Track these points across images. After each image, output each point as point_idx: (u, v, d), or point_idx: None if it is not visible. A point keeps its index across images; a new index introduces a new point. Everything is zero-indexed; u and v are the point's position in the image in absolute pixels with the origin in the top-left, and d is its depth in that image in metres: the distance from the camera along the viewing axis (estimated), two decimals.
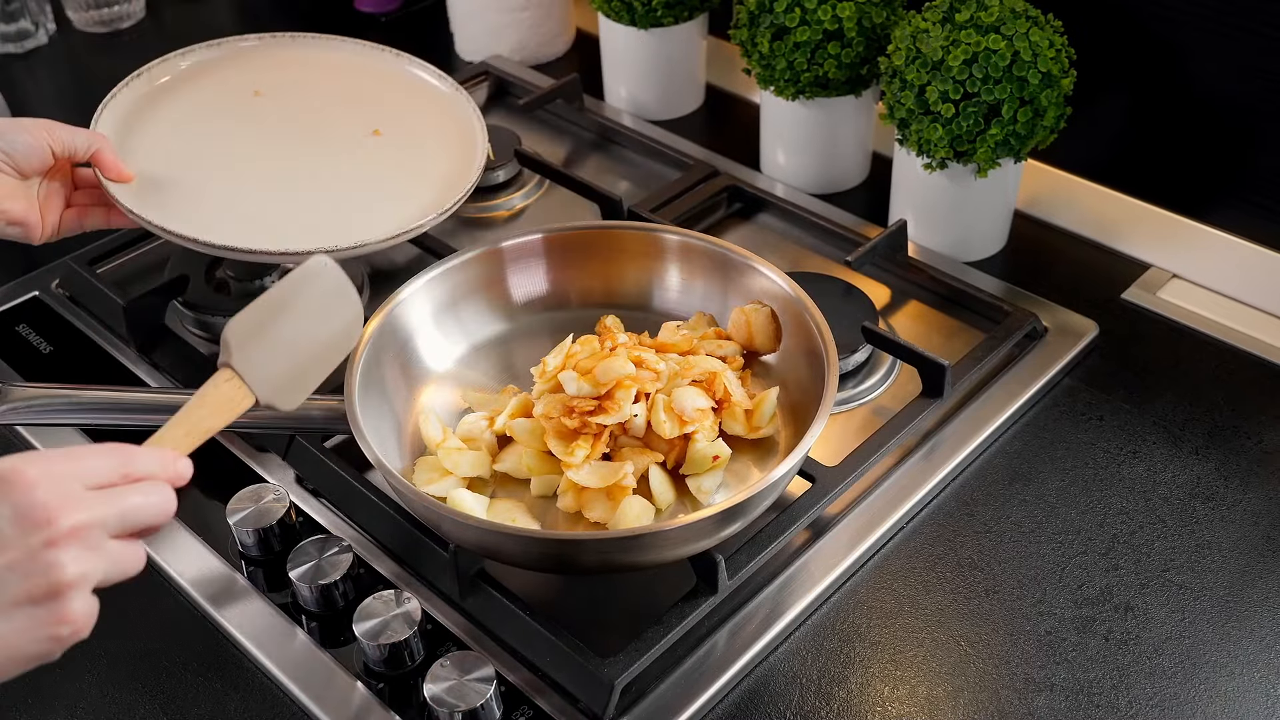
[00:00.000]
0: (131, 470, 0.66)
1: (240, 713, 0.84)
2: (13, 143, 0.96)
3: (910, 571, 0.92)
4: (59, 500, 0.62)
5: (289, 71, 1.19)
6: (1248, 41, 1.07)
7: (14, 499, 0.61)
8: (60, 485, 0.62)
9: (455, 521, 0.82)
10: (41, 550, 0.61)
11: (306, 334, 0.83)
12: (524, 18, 1.49)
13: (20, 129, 0.97)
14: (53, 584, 0.61)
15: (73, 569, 0.61)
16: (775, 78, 1.20)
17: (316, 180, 1.09)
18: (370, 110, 1.16)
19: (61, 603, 0.61)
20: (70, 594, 0.62)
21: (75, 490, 0.63)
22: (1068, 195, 1.23)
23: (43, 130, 0.97)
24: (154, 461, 0.68)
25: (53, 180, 1.01)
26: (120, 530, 0.65)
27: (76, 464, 0.64)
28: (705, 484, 0.91)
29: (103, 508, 0.64)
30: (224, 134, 1.13)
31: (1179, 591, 0.90)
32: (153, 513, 0.66)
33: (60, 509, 0.62)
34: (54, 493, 0.62)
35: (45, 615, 0.61)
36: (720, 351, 0.98)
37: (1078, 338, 1.09)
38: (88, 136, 1.01)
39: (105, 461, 0.65)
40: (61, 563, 0.61)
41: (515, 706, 0.82)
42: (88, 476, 0.64)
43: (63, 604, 0.62)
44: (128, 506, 0.65)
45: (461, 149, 1.13)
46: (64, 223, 1.02)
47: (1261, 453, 1.00)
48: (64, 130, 0.99)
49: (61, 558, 0.61)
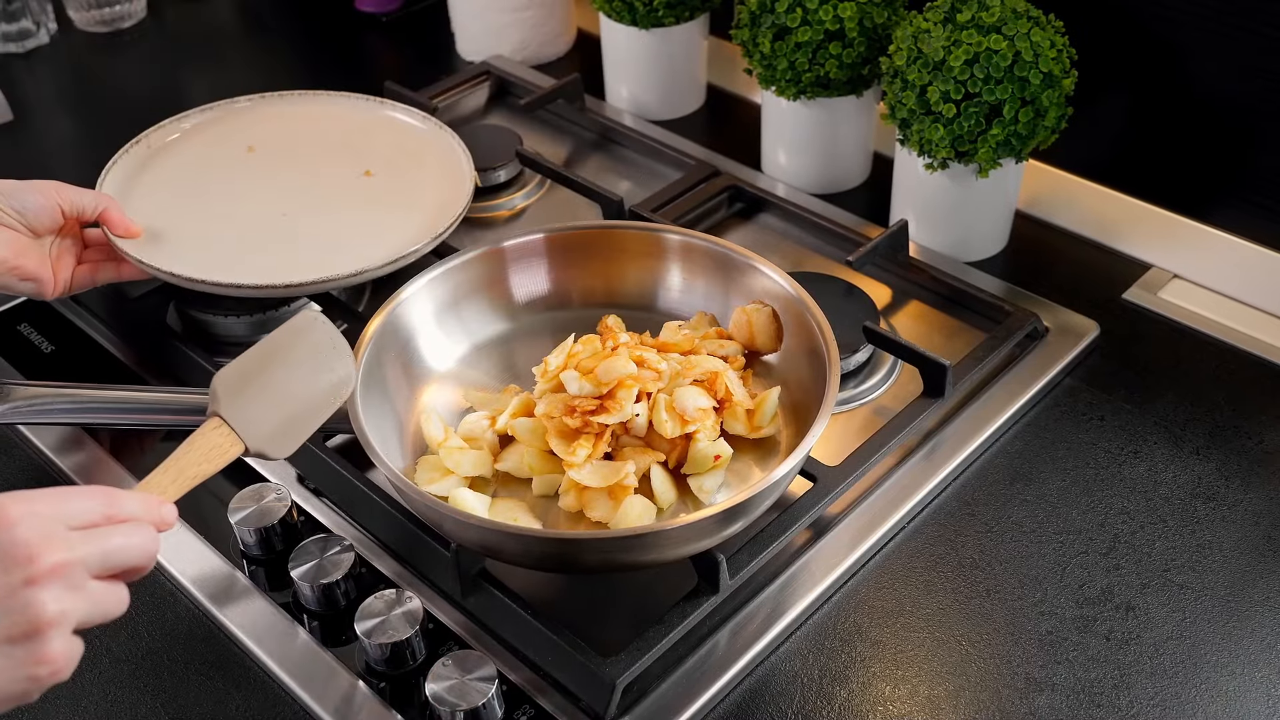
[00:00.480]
0: (115, 512, 0.66)
1: (242, 712, 0.84)
2: (24, 202, 0.98)
3: (911, 571, 0.92)
4: (41, 539, 0.61)
5: (280, 126, 1.24)
6: (1248, 41, 1.07)
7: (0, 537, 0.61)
8: (43, 524, 0.62)
9: (457, 521, 0.82)
10: (21, 589, 0.60)
11: (297, 384, 0.83)
12: (525, 17, 1.49)
13: (31, 189, 0.99)
14: (32, 623, 0.60)
15: (53, 608, 0.61)
16: (776, 78, 1.21)
17: (314, 220, 1.13)
18: (360, 154, 1.21)
19: (40, 642, 0.61)
20: (50, 633, 0.61)
21: (58, 529, 0.62)
22: (1069, 195, 1.23)
23: (52, 191, 1.00)
24: (138, 504, 0.68)
25: (64, 238, 1.04)
26: (102, 570, 0.64)
27: (60, 504, 0.64)
28: (707, 483, 0.91)
29: (85, 547, 0.63)
30: (223, 186, 1.17)
31: (1180, 591, 0.90)
32: (135, 554, 0.66)
33: (42, 547, 0.61)
34: (36, 531, 0.61)
35: (24, 655, 0.61)
36: (722, 351, 0.98)
37: (1079, 338, 1.09)
38: (95, 197, 1.04)
39: (89, 503, 0.65)
40: (42, 601, 0.60)
41: (517, 706, 0.82)
42: (71, 516, 0.64)
43: (42, 644, 0.61)
44: (110, 547, 0.64)
45: (450, 179, 1.17)
46: (76, 278, 1.04)
47: (1262, 453, 1.00)
48: (72, 191, 1.02)
49: (42, 596, 0.60)
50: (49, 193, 1.00)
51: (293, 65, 1.60)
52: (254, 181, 1.18)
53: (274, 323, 1.11)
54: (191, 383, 1.06)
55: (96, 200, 1.03)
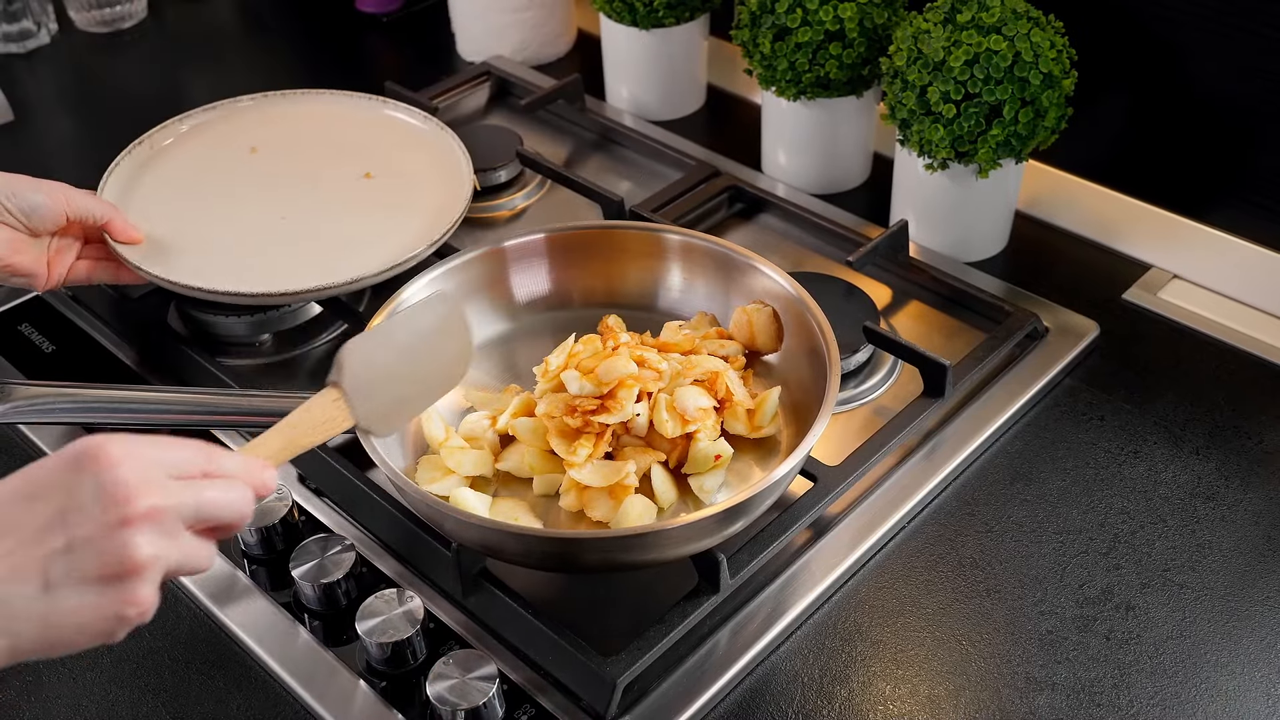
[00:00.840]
0: (214, 468, 0.66)
1: (243, 711, 0.84)
2: (30, 202, 0.99)
3: (912, 571, 0.92)
4: (140, 481, 0.61)
5: (282, 126, 1.25)
6: (1248, 42, 1.07)
7: (97, 474, 0.61)
8: (143, 468, 0.62)
9: (458, 520, 0.82)
10: (117, 529, 0.60)
11: (416, 365, 0.84)
12: (526, 18, 1.49)
13: (38, 189, 1.00)
14: (124, 564, 0.60)
15: (146, 551, 0.61)
16: (777, 78, 1.21)
17: (313, 224, 1.14)
18: (361, 155, 1.21)
19: (131, 584, 0.61)
20: (141, 576, 0.61)
21: (157, 475, 0.63)
22: (1069, 196, 1.23)
23: (61, 196, 1.01)
24: (238, 464, 0.68)
25: (64, 236, 1.04)
26: (195, 522, 0.64)
27: (162, 451, 0.64)
28: (707, 483, 0.91)
29: (181, 495, 0.63)
30: (224, 189, 1.18)
31: (1180, 591, 0.90)
32: (229, 511, 0.66)
33: (140, 490, 0.61)
34: (136, 473, 0.62)
35: (114, 594, 0.61)
36: (722, 351, 0.98)
37: (1079, 338, 1.10)
38: (102, 207, 1.04)
39: (190, 454, 0.65)
40: (136, 543, 0.61)
41: (517, 705, 0.82)
42: (171, 465, 0.64)
43: (132, 585, 0.61)
44: (205, 499, 0.65)
45: (449, 182, 1.17)
46: (72, 274, 1.05)
47: (1262, 453, 1.00)
48: (81, 198, 1.02)
49: (136, 538, 0.61)
50: (58, 198, 1.00)
51: (293, 65, 1.60)
52: (254, 184, 1.18)
53: (274, 322, 1.12)
54: (192, 382, 1.06)
55: (104, 210, 1.04)
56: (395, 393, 0.82)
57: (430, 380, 0.85)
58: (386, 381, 0.82)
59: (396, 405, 0.83)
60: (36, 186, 1.00)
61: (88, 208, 1.03)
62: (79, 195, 1.02)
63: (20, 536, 0.60)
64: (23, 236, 1.00)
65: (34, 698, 0.86)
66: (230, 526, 0.66)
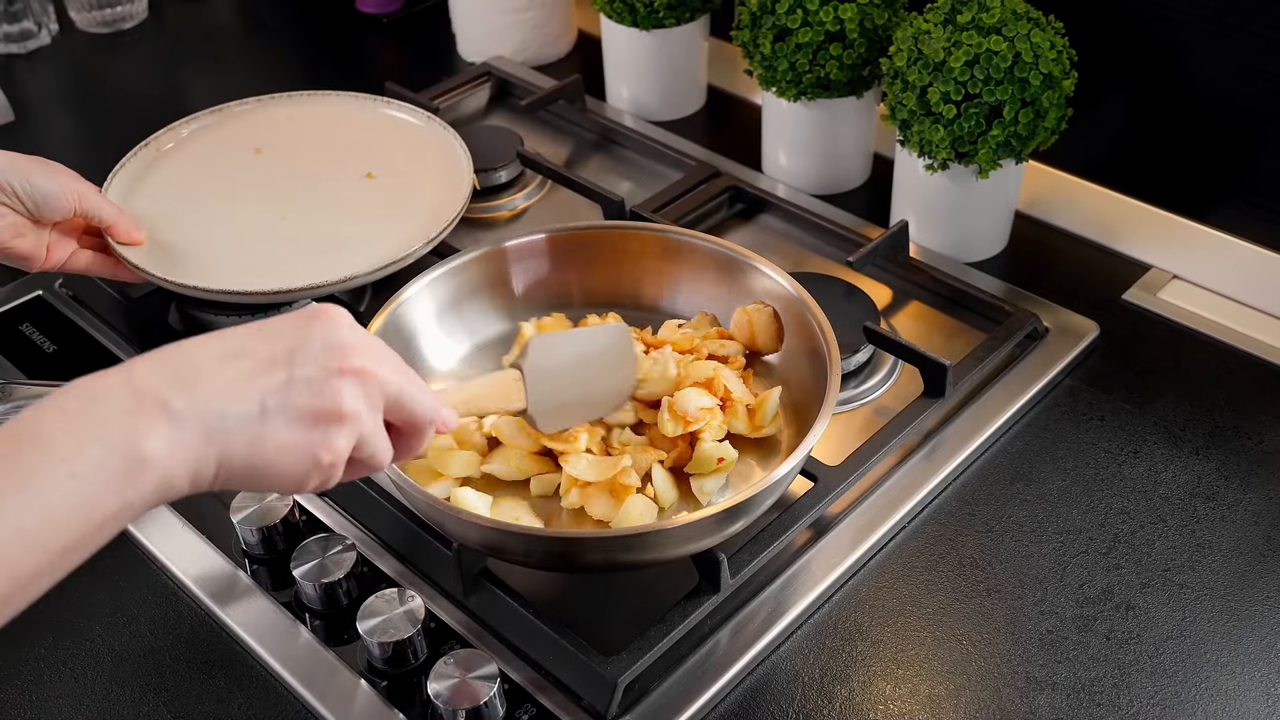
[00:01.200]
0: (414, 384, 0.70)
1: (244, 710, 0.84)
2: (42, 192, 1.00)
3: (912, 571, 0.92)
4: (362, 346, 0.66)
5: (284, 128, 1.25)
6: (1248, 43, 1.08)
7: (328, 327, 0.66)
8: (365, 338, 0.68)
9: (459, 520, 0.82)
10: (334, 375, 0.65)
11: (586, 377, 0.89)
12: (526, 19, 1.49)
13: (52, 178, 1.01)
14: (332, 407, 0.64)
15: (350, 403, 0.65)
16: (777, 79, 1.21)
17: (314, 224, 1.14)
18: (362, 155, 1.21)
19: (333, 430, 0.64)
20: (343, 424, 0.65)
21: (374, 349, 0.68)
22: (1069, 196, 1.23)
23: (73, 191, 1.02)
24: (430, 394, 0.71)
25: (68, 226, 1.06)
26: (393, 404, 0.68)
27: (382, 342, 0.70)
28: (707, 485, 0.91)
29: (391, 370, 0.68)
30: (225, 190, 1.18)
31: (1180, 591, 0.90)
32: (420, 407, 0.70)
33: (361, 350, 0.66)
34: (360, 340, 0.67)
35: (317, 435, 0.64)
36: (723, 351, 0.98)
37: (1078, 338, 1.10)
38: (110, 209, 1.05)
39: (400, 359, 0.70)
40: (345, 391, 0.65)
41: (518, 704, 0.82)
42: (387, 354, 0.69)
43: (333, 432, 0.64)
44: (406, 384, 0.69)
45: (450, 181, 1.17)
46: (70, 262, 1.06)
47: (1262, 453, 1.00)
48: (92, 197, 1.04)
49: (348, 388, 0.65)
50: (69, 192, 1.01)
51: (294, 66, 1.61)
52: (255, 185, 1.18)
53: None
54: None
55: (110, 211, 1.05)
56: (564, 395, 0.87)
57: (595, 395, 0.90)
58: (560, 382, 0.86)
59: (561, 407, 0.87)
60: (51, 175, 1.01)
61: (96, 207, 1.04)
62: (90, 194, 1.04)
63: (251, 363, 0.64)
64: (26, 222, 1.01)
65: (35, 696, 0.86)
66: (414, 427, 0.70)
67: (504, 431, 0.92)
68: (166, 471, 0.60)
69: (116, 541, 0.66)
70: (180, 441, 0.60)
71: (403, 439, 0.71)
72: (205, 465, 0.62)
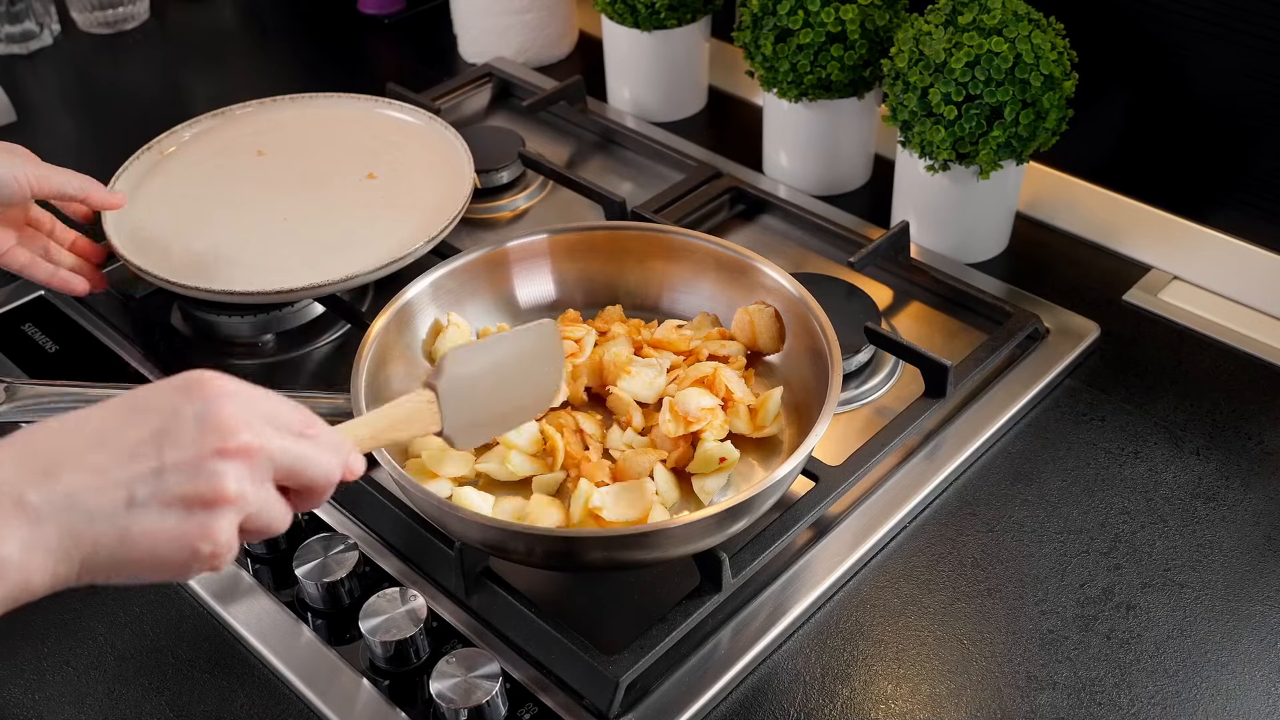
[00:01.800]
0: (312, 431, 0.66)
1: (247, 709, 0.85)
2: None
3: (913, 570, 0.93)
4: (243, 417, 0.61)
5: (286, 129, 1.26)
6: (1248, 43, 1.08)
7: (205, 402, 0.61)
8: (249, 407, 0.62)
9: (460, 519, 0.82)
10: (212, 457, 0.60)
11: (509, 386, 0.85)
12: (527, 20, 1.49)
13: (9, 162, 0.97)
14: (211, 493, 0.60)
15: (234, 486, 0.60)
16: (778, 80, 1.21)
17: (315, 225, 1.14)
18: (364, 157, 1.22)
19: (213, 516, 0.60)
20: (223, 510, 0.60)
21: (259, 418, 0.62)
22: (1069, 197, 1.24)
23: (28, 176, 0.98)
24: (334, 437, 0.67)
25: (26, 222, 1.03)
26: (284, 474, 0.64)
27: (267, 401, 0.64)
28: (709, 485, 0.92)
29: (278, 442, 0.63)
30: (227, 191, 1.18)
31: (1180, 591, 0.90)
32: (318, 471, 0.65)
33: (241, 425, 0.61)
34: (241, 410, 0.62)
35: (194, 524, 0.60)
36: (724, 351, 0.99)
37: (1079, 339, 1.10)
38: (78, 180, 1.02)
39: (292, 412, 0.65)
40: (226, 474, 0.60)
41: (520, 704, 0.82)
42: (273, 415, 0.64)
43: (213, 518, 0.60)
44: (299, 452, 0.64)
45: (451, 181, 1.17)
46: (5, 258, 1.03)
47: (1262, 453, 1.00)
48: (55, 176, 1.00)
49: (228, 470, 0.60)
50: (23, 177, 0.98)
51: (295, 67, 1.61)
52: (256, 187, 1.18)
53: (277, 323, 1.12)
54: None
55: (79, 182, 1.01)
56: (484, 408, 0.83)
57: (519, 403, 0.86)
58: (478, 395, 0.82)
59: (482, 421, 0.83)
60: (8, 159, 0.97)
61: (61, 184, 1.00)
62: (52, 172, 1.00)
63: (116, 449, 0.59)
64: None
65: (38, 695, 0.86)
66: (312, 491, 0.66)
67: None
68: (21, 574, 0.56)
69: None
70: (37, 541, 0.56)
71: (302, 499, 0.66)
72: (67, 564, 0.58)
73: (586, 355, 0.97)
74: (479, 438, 0.85)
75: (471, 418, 0.82)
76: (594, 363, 0.97)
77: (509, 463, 0.91)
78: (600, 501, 0.86)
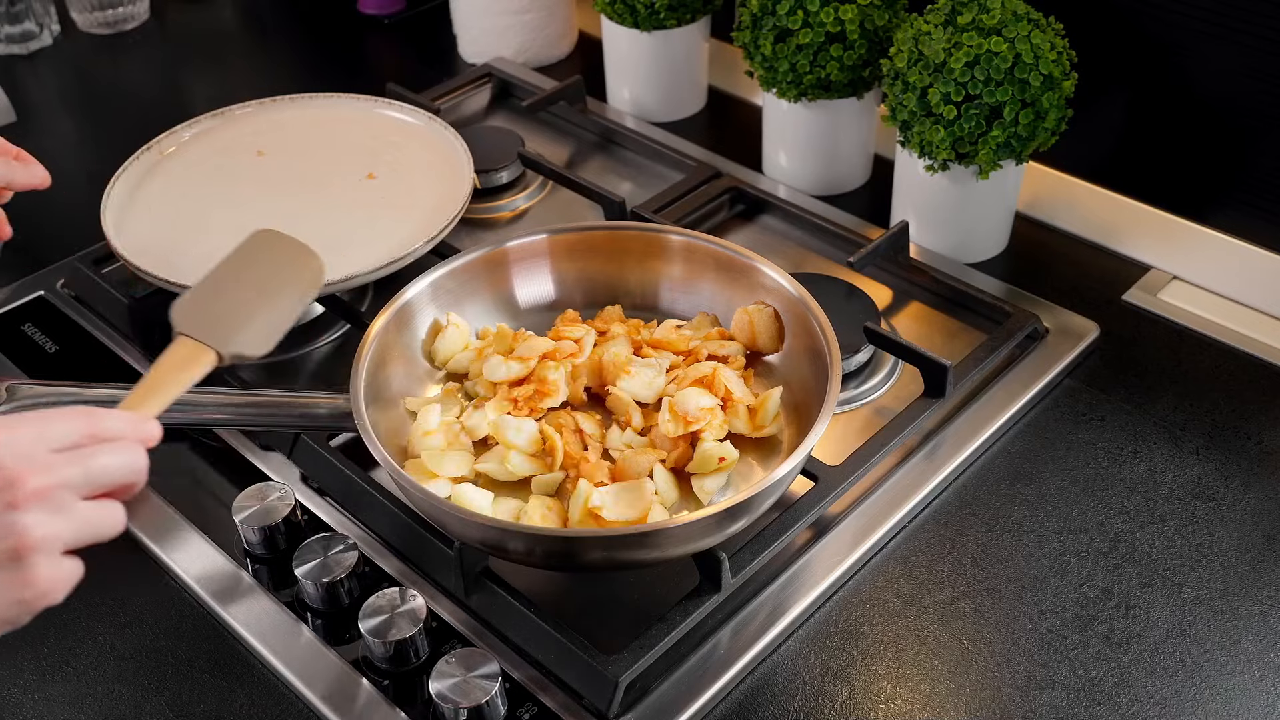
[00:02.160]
0: (99, 431, 0.65)
1: (246, 709, 0.85)
2: None
3: (912, 570, 0.93)
4: (23, 463, 0.61)
5: (286, 130, 1.26)
6: (1248, 44, 1.08)
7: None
8: (24, 448, 0.62)
9: (460, 519, 0.82)
10: (4, 513, 0.60)
11: (258, 288, 0.85)
12: (527, 20, 1.50)
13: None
14: (15, 547, 0.60)
15: (36, 532, 0.60)
16: (777, 80, 1.21)
17: (315, 225, 1.14)
18: (364, 157, 1.22)
19: (25, 567, 0.60)
20: (34, 558, 0.61)
21: (40, 453, 0.62)
22: (1069, 197, 1.24)
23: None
24: (122, 422, 0.67)
25: None
26: (89, 490, 0.64)
27: (41, 426, 0.63)
28: (708, 485, 0.92)
29: (68, 469, 0.63)
30: (227, 192, 1.18)
31: (1180, 590, 0.90)
32: (122, 471, 0.65)
33: (24, 471, 0.61)
34: (18, 455, 0.61)
35: (9, 579, 0.60)
36: (723, 351, 0.99)
37: (1079, 339, 1.10)
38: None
39: (71, 424, 0.64)
40: (24, 525, 0.60)
41: (520, 703, 0.82)
42: (53, 439, 0.63)
43: (27, 568, 0.60)
44: (95, 467, 0.64)
45: (451, 181, 1.17)
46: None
47: (1261, 453, 1.00)
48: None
49: (25, 520, 0.60)
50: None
51: (295, 67, 1.61)
52: (256, 187, 1.19)
53: None
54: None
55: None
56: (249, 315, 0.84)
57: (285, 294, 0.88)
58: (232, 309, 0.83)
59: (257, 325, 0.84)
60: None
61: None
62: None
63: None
64: None
65: (37, 696, 0.86)
66: (128, 486, 0.66)
67: (500, 432, 0.92)
68: None
69: (119, 542, 0.67)
70: None
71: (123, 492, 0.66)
72: None
73: (586, 355, 0.97)
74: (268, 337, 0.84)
75: (238, 326, 0.82)
76: (594, 363, 0.97)
77: (508, 462, 0.91)
78: (600, 501, 0.86)
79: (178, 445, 1.01)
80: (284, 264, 0.89)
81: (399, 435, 0.94)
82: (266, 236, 0.90)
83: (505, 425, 0.92)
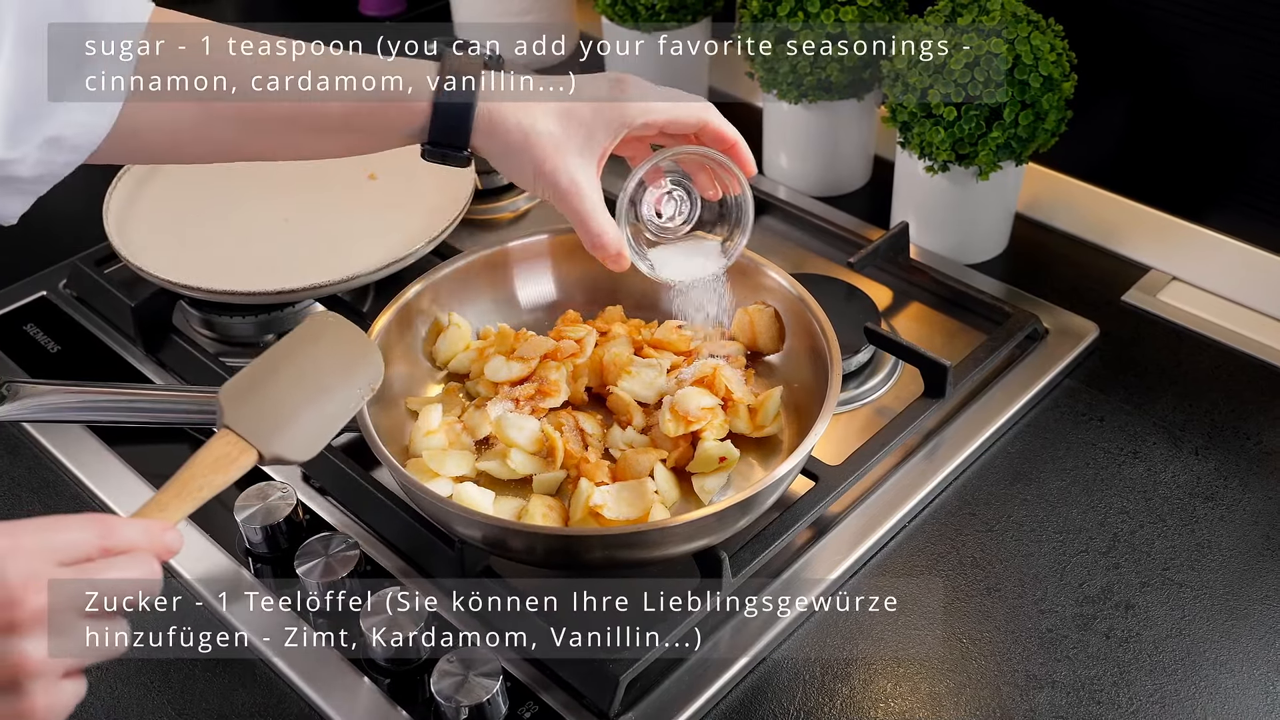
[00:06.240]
0: (111, 543, 0.61)
1: (248, 708, 0.85)
2: None
3: (913, 570, 0.93)
4: (26, 579, 0.57)
5: None
6: (1247, 45, 1.08)
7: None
8: (29, 561, 0.57)
9: (461, 517, 0.82)
10: (3, 636, 0.56)
11: (313, 384, 0.81)
12: (527, 21, 1.50)
13: None
14: (13, 674, 0.56)
15: (35, 657, 0.56)
16: (778, 81, 1.21)
17: (316, 225, 1.15)
18: (365, 157, 1.20)
19: (23, 694, 0.57)
20: (32, 684, 0.57)
21: (45, 568, 0.58)
22: (1068, 198, 1.24)
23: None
24: (138, 532, 0.62)
25: None
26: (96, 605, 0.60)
27: (49, 536, 0.59)
28: (709, 484, 0.92)
29: (74, 586, 0.58)
30: (229, 192, 1.19)
31: (1179, 590, 0.91)
32: (130, 586, 0.61)
33: (26, 590, 0.57)
34: (21, 570, 0.57)
35: (6, 707, 0.57)
36: (724, 351, 0.99)
37: (1078, 339, 1.10)
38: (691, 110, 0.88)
39: (81, 534, 0.60)
40: (23, 650, 0.56)
41: (521, 702, 0.83)
42: (61, 550, 0.59)
43: (24, 696, 0.57)
44: (104, 585, 0.60)
45: (452, 181, 1.17)
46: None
47: (1261, 453, 1.00)
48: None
49: (23, 645, 0.56)
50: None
51: None
52: (258, 187, 1.19)
53: (279, 323, 1.12)
54: (198, 382, 1.07)
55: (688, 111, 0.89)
56: (297, 415, 0.79)
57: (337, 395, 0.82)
58: (281, 406, 0.78)
59: (306, 426, 0.79)
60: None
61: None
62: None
63: None
64: None
65: None
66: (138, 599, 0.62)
67: (503, 430, 0.92)
68: None
69: None
70: None
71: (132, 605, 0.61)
72: None
73: (587, 355, 0.98)
74: (317, 442, 0.79)
75: (290, 427, 0.77)
76: (594, 363, 0.98)
77: (510, 460, 0.91)
78: (601, 500, 0.87)
79: (178, 445, 1.01)
80: (343, 357, 0.84)
81: (400, 435, 0.95)
82: (330, 321, 0.86)
83: (508, 423, 0.92)
